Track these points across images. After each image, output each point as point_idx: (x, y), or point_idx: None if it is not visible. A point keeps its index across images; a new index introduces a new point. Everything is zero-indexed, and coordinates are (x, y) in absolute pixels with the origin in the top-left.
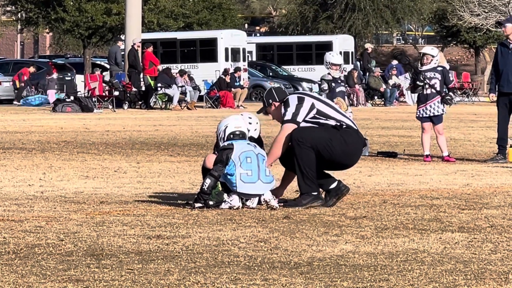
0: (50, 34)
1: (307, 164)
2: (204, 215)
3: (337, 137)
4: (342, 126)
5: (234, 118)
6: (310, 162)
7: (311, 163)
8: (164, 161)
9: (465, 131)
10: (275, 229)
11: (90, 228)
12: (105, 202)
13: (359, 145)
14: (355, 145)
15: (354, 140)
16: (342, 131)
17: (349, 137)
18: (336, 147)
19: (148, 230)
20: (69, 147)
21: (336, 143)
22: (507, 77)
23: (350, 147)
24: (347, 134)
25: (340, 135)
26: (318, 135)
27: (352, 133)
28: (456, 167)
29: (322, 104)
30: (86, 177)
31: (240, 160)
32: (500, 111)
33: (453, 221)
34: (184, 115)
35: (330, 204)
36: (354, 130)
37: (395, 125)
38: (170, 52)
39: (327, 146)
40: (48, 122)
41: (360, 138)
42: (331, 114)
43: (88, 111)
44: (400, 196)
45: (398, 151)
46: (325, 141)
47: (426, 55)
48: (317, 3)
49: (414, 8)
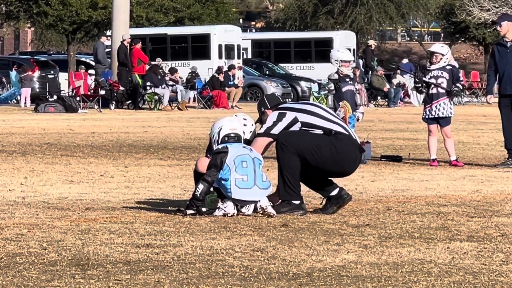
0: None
1: (288, 170)
2: (196, 223)
3: (326, 143)
4: (332, 132)
5: (228, 119)
6: (292, 168)
7: (293, 169)
8: (154, 165)
9: (474, 133)
10: (273, 237)
11: (75, 236)
12: (91, 209)
13: (351, 152)
14: (346, 153)
15: (346, 147)
16: (332, 137)
17: (339, 143)
18: (325, 154)
19: (137, 239)
20: (52, 149)
21: (325, 150)
22: (509, 78)
23: (340, 154)
24: (337, 141)
25: (330, 141)
26: (304, 140)
27: (343, 139)
28: (465, 172)
29: (306, 115)
30: (70, 181)
31: (235, 165)
32: (503, 112)
33: (462, 229)
34: (175, 116)
35: (330, 212)
36: (345, 136)
37: (400, 127)
38: (159, 48)
39: (314, 153)
40: (29, 123)
41: (353, 145)
42: (318, 124)
43: (73, 112)
44: (405, 203)
45: (403, 155)
46: (313, 147)
47: (435, 54)
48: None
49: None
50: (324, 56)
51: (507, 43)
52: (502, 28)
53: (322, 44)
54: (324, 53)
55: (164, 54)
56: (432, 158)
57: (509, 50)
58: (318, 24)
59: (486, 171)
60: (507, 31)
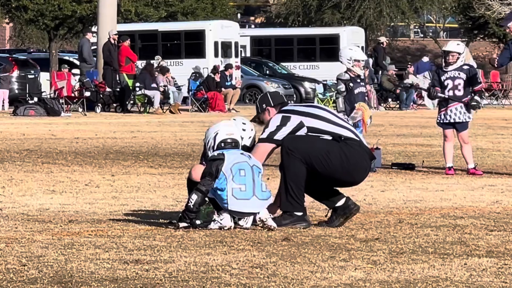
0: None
1: (292, 179)
2: (190, 237)
3: (335, 150)
4: (341, 138)
5: (225, 123)
6: (297, 176)
7: (298, 177)
8: (143, 174)
9: (494, 139)
10: (273, 253)
11: (57, 251)
12: (75, 221)
13: (362, 160)
14: (357, 160)
15: (356, 154)
16: (342, 144)
17: (349, 150)
18: (334, 161)
19: (125, 254)
20: (32, 156)
21: (334, 157)
22: None
23: (351, 161)
24: (347, 147)
25: (340, 147)
26: (313, 146)
27: (353, 145)
28: (484, 181)
29: (313, 119)
30: (52, 191)
31: (232, 173)
32: None
33: (480, 244)
34: (167, 119)
35: (336, 225)
36: (356, 143)
37: (413, 132)
38: (150, 46)
39: (323, 160)
40: (7, 127)
41: (364, 152)
42: (326, 129)
43: (55, 115)
44: (419, 215)
45: (416, 163)
46: (321, 154)
47: (451, 53)
48: None
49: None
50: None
51: None
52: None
53: (327, 41)
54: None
55: (155, 52)
56: (448, 166)
57: None
58: (323, 19)
59: (507, 180)
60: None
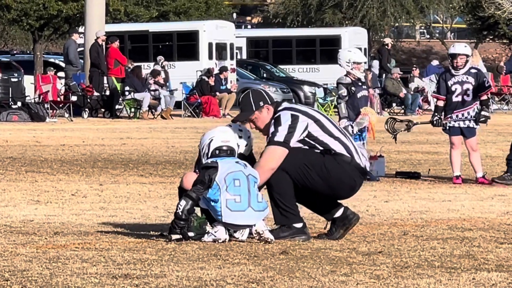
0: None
1: (278, 191)
2: (182, 250)
3: (318, 163)
4: (331, 152)
5: (221, 130)
6: (282, 187)
7: (283, 189)
8: (133, 183)
9: (504, 146)
10: (270, 267)
11: (42, 265)
12: (61, 233)
13: (347, 177)
14: (341, 176)
15: (341, 170)
16: (327, 158)
17: (335, 167)
18: (314, 176)
19: (113, 268)
20: (15, 164)
21: (316, 171)
22: None
23: (333, 177)
24: (333, 163)
25: (323, 162)
26: (293, 158)
27: (341, 161)
28: (493, 191)
29: (316, 126)
30: (36, 202)
31: (226, 183)
32: None
33: (490, 258)
34: (158, 125)
35: (337, 237)
36: (345, 159)
37: (418, 139)
38: (140, 48)
39: (302, 174)
40: None
41: (353, 169)
42: (322, 139)
43: (39, 120)
44: (424, 226)
45: (422, 171)
46: (301, 167)
47: (459, 56)
48: None
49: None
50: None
51: None
52: None
53: (328, 42)
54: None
55: (146, 54)
56: (455, 175)
57: None
58: (324, 19)
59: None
60: None
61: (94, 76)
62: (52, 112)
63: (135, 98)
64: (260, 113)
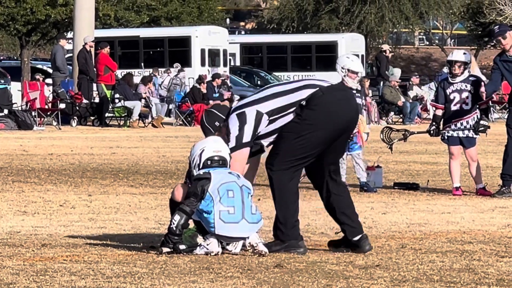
0: None
1: (278, 200)
2: (173, 263)
3: (302, 125)
4: (302, 103)
5: (213, 140)
6: (283, 195)
7: (283, 196)
8: (123, 193)
9: None
10: (264, 280)
11: (29, 278)
12: (48, 245)
13: (332, 104)
14: (326, 110)
15: (322, 105)
16: (305, 111)
17: (314, 109)
18: (310, 135)
19: (103, 281)
20: (2, 174)
21: (307, 131)
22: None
23: (322, 119)
24: (310, 110)
25: (303, 117)
26: (285, 143)
27: (316, 100)
28: (494, 202)
29: (267, 102)
30: (23, 212)
31: (220, 194)
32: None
33: (490, 271)
34: (149, 134)
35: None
36: (317, 92)
37: (417, 148)
38: (131, 54)
39: (303, 144)
40: None
41: (331, 92)
42: (283, 104)
43: (27, 129)
44: (423, 239)
45: (421, 183)
46: (296, 142)
47: (457, 63)
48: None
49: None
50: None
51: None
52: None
53: (324, 49)
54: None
55: (136, 60)
56: (455, 186)
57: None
58: (320, 25)
59: None
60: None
61: (82, 83)
62: (40, 120)
63: (125, 105)
64: (221, 132)
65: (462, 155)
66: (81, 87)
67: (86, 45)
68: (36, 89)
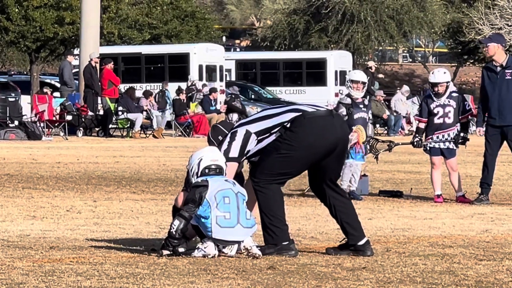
0: None
1: (264, 209)
2: (173, 264)
3: (283, 143)
4: (285, 124)
5: (210, 149)
6: (268, 205)
7: (269, 206)
8: (126, 200)
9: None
10: (258, 281)
11: (38, 278)
12: (56, 248)
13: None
14: (309, 134)
15: (304, 129)
16: (287, 133)
17: (296, 132)
18: (290, 154)
19: (107, 282)
20: (12, 181)
21: (287, 150)
22: (497, 107)
23: (305, 141)
24: (291, 132)
25: (285, 138)
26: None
27: (299, 124)
28: (473, 209)
29: (257, 123)
30: (33, 217)
31: (217, 201)
32: (489, 145)
33: (469, 274)
34: (150, 144)
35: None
36: (299, 117)
37: (401, 158)
38: (133, 69)
39: (284, 161)
40: None
41: (314, 119)
42: (271, 124)
43: (36, 139)
44: (407, 243)
45: (404, 190)
46: (278, 158)
47: (440, 84)
48: (309, 13)
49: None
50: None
51: (497, 68)
52: (489, 49)
53: (314, 65)
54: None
55: (138, 75)
56: (436, 194)
57: (498, 76)
58: (310, 43)
59: (497, 208)
60: (494, 53)
61: (88, 96)
62: (48, 131)
63: (128, 117)
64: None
65: (443, 165)
66: (87, 100)
67: (92, 61)
68: (44, 102)
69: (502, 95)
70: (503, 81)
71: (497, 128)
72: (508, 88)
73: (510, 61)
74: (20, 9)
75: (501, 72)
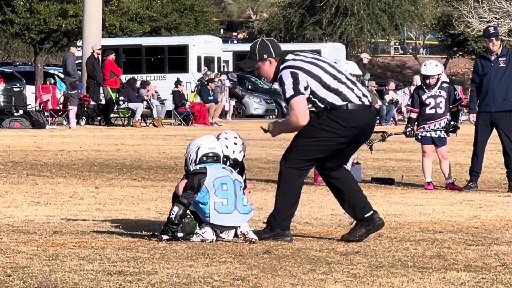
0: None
1: (283, 191)
2: (172, 249)
3: (320, 130)
4: (328, 107)
5: (207, 138)
6: (288, 188)
7: (289, 189)
8: (127, 186)
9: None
10: (254, 265)
11: (42, 262)
12: (59, 233)
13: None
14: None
15: (341, 119)
16: (323, 119)
17: (332, 120)
18: (323, 141)
19: (108, 265)
20: (17, 168)
21: (320, 137)
22: (492, 94)
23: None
24: (328, 119)
25: (319, 125)
26: (298, 145)
27: (339, 113)
28: (462, 196)
29: (315, 82)
30: (37, 203)
31: (215, 187)
32: (479, 132)
33: (459, 258)
34: (150, 133)
35: (358, 234)
36: (343, 107)
37: (392, 147)
38: (134, 60)
39: (315, 146)
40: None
41: (355, 110)
42: (322, 96)
43: (40, 127)
44: (398, 229)
45: (396, 178)
46: (311, 144)
47: (431, 77)
48: (304, 6)
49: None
50: None
51: (491, 57)
52: (496, 45)
53: None
54: None
55: (139, 66)
56: (427, 181)
57: (492, 64)
58: (305, 35)
59: (485, 195)
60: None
61: (90, 86)
62: (52, 119)
63: (129, 107)
64: (263, 64)
65: (433, 153)
66: (89, 90)
67: (94, 52)
68: (48, 92)
69: (495, 82)
70: (497, 69)
71: (489, 114)
72: (502, 75)
73: (504, 51)
74: (25, 2)
75: (495, 60)
